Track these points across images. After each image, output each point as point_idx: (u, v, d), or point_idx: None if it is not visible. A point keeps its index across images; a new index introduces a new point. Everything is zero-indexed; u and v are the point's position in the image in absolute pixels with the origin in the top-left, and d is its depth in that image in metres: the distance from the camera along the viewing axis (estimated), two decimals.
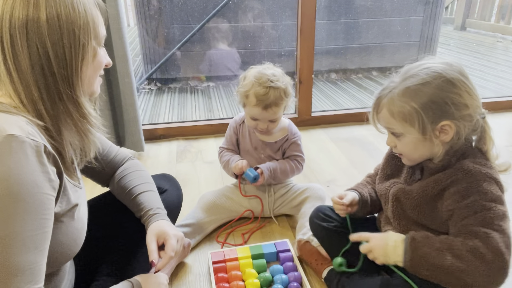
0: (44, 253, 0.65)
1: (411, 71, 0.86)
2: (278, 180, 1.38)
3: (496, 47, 5.02)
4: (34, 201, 0.62)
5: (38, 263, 0.64)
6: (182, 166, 1.87)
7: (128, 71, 1.75)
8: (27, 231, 0.61)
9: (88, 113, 0.73)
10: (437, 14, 3.68)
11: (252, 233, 1.36)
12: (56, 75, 0.67)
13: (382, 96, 0.88)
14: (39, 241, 0.64)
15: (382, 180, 1.03)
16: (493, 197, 0.81)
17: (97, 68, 0.76)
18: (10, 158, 0.60)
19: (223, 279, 1.12)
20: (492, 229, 0.79)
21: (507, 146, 1.98)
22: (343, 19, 3.55)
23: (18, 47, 0.64)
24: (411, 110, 0.83)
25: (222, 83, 3.55)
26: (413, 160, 0.91)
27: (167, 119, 2.81)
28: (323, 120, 2.31)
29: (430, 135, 0.83)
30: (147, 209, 0.98)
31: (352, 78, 3.72)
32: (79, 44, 0.68)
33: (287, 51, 3.49)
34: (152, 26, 3.26)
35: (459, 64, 0.85)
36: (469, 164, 0.84)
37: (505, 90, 3.32)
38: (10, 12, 0.64)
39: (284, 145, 1.38)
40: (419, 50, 3.80)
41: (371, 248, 0.91)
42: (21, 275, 0.61)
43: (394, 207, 0.95)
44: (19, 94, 0.66)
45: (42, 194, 0.63)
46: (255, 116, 1.27)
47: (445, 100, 0.81)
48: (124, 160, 1.08)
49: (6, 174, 0.59)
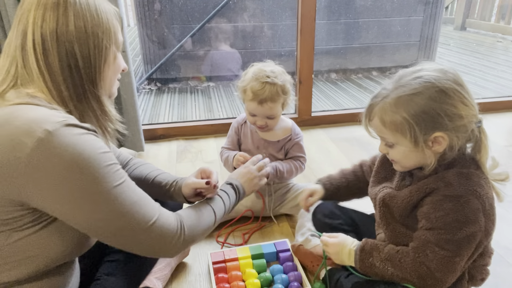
0: (137, 188, 0.77)
1: (404, 79, 0.83)
2: (282, 180, 1.39)
3: (496, 47, 5.02)
4: (102, 159, 0.70)
5: (139, 192, 0.77)
6: (182, 166, 1.87)
7: (128, 71, 1.75)
8: (115, 182, 0.71)
9: (109, 110, 0.81)
10: (437, 14, 3.68)
11: (252, 233, 1.36)
12: (82, 74, 0.75)
13: (374, 103, 0.86)
14: (128, 185, 0.75)
15: (375, 184, 1.02)
16: (463, 217, 0.80)
17: (116, 71, 0.84)
18: (67, 138, 0.66)
19: (223, 279, 1.12)
20: (443, 249, 0.81)
21: (507, 146, 1.98)
22: (343, 19, 3.55)
23: (49, 50, 0.71)
24: (402, 121, 0.81)
25: (222, 83, 3.55)
26: (405, 167, 0.90)
27: (167, 119, 2.81)
28: (323, 120, 2.31)
29: (422, 146, 0.81)
30: (173, 180, 1.07)
31: (352, 78, 3.72)
32: (102, 46, 0.76)
33: (287, 51, 3.49)
34: (152, 26, 3.26)
35: (454, 70, 0.83)
36: (451, 177, 0.82)
37: (505, 90, 3.32)
38: (41, 18, 0.71)
39: (286, 145, 1.38)
40: (419, 50, 3.80)
41: (328, 251, 0.98)
42: (137, 206, 0.74)
43: (382, 212, 0.95)
44: (50, 91, 0.73)
45: (103, 153, 0.71)
46: (252, 111, 1.28)
47: (438, 111, 0.78)
48: (128, 160, 1.12)
49: (79, 150, 0.67)
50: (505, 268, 1.19)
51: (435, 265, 0.82)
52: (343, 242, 0.95)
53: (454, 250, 0.81)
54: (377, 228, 1.03)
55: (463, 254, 0.82)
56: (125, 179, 0.75)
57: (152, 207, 0.78)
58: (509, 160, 1.83)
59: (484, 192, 0.82)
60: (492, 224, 0.85)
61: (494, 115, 2.40)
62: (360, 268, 0.92)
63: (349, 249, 0.93)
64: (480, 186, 0.82)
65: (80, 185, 0.67)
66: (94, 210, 0.70)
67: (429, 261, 0.82)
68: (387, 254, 0.88)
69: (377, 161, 1.04)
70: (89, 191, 0.68)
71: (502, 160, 0.91)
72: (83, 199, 0.68)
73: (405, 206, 0.88)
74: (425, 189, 0.85)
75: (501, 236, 1.32)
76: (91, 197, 0.69)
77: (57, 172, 0.65)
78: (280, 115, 1.33)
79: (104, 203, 0.70)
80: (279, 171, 1.33)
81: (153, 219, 0.76)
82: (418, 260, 0.83)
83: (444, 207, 0.81)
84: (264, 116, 1.28)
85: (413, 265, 0.84)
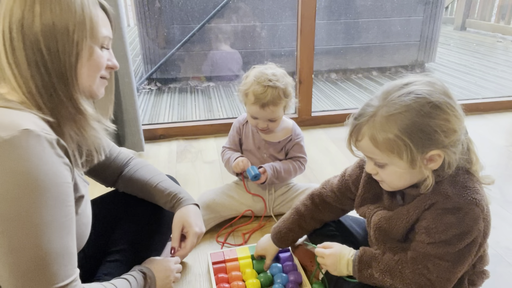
0: (74, 237, 0.70)
1: (393, 94, 0.77)
2: (281, 180, 1.39)
3: (496, 47, 5.02)
4: (58, 190, 0.66)
5: (71, 247, 0.69)
6: (182, 166, 1.87)
7: (128, 71, 1.75)
8: (57, 219, 0.65)
9: (84, 109, 0.74)
10: (437, 14, 3.68)
11: (252, 233, 1.36)
12: (50, 71, 0.69)
13: (362, 123, 0.79)
14: (69, 227, 0.68)
15: (362, 204, 0.98)
16: (465, 229, 0.78)
17: (95, 69, 0.75)
18: (29, 151, 0.62)
19: (224, 279, 1.12)
20: (444, 260, 0.80)
21: (507, 146, 1.97)
22: (343, 19, 3.54)
23: (15, 43, 0.67)
24: (397, 140, 0.75)
25: (222, 83, 3.55)
26: (395, 187, 0.85)
27: (167, 119, 2.81)
28: (323, 120, 2.31)
29: (419, 165, 0.76)
30: (175, 193, 1.07)
31: (352, 78, 3.72)
32: (72, 40, 0.69)
33: (287, 51, 3.48)
34: (152, 26, 3.26)
35: (441, 82, 0.79)
36: (448, 188, 0.80)
37: (505, 90, 3.32)
38: (10, 9, 0.67)
39: (287, 146, 1.38)
40: (419, 50, 3.80)
41: (325, 263, 0.94)
42: (60, 259, 0.66)
43: (377, 234, 0.92)
44: (20, 87, 0.69)
45: (64, 184, 0.67)
46: (254, 115, 1.28)
47: (434, 128, 0.74)
48: (129, 159, 1.12)
49: (28, 168, 0.62)
50: (505, 268, 1.19)
51: (435, 277, 0.81)
52: (339, 253, 0.92)
53: (455, 260, 0.80)
54: (371, 245, 0.98)
55: (465, 263, 0.81)
56: (71, 217, 0.68)
57: (72, 269, 0.69)
58: (509, 160, 1.83)
59: (481, 197, 0.80)
60: (489, 224, 0.84)
61: (494, 115, 2.40)
62: (358, 278, 0.90)
63: (347, 259, 0.91)
64: (476, 191, 0.80)
65: (16, 204, 0.61)
66: (13, 235, 0.62)
67: (430, 273, 0.81)
68: (386, 265, 0.86)
69: (361, 183, 0.98)
70: (21, 214, 0.62)
71: (502, 160, 0.91)
72: (9, 221, 0.61)
73: (404, 226, 0.86)
74: (423, 206, 0.82)
75: (501, 236, 1.32)
76: (18, 222, 0.62)
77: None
78: (281, 117, 1.33)
79: (31, 235, 0.62)
80: (276, 171, 1.33)
81: (62, 283, 0.66)
82: (418, 272, 0.82)
83: (445, 221, 0.79)
84: (266, 119, 1.28)
85: (413, 276, 0.83)
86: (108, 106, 0.88)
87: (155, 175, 1.10)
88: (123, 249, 1.02)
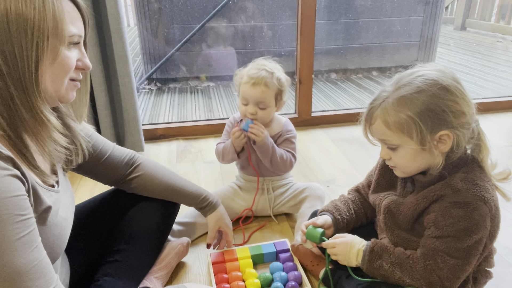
0: (39, 248, 0.63)
1: (404, 79, 0.82)
2: (271, 161, 1.32)
3: (496, 47, 5.02)
4: (7, 206, 0.58)
5: (38, 259, 0.62)
6: (182, 166, 1.87)
7: (128, 71, 1.75)
8: (12, 236, 0.58)
9: (46, 120, 0.66)
10: (437, 14, 3.68)
11: (252, 233, 1.36)
12: (5, 76, 0.61)
13: (375, 106, 0.84)
14: (30, 241, 0.61)
15: (376, 191, 1.00)
16: (472, 224, 0.80)
17: (61, 72, 0.67)
18: None
19: (224, 279, 1.12)
20: (453, 257, 0.81)
21: (507, 146, 1.98)
22: (343, 19, 3.55)
23: None
24: (407, 120, 0.79)
25: (222, 83, 3.55)
26: (408, 172, 0.88)
27: (167, 119, 2.81)
28: (323, 120, 2.31)
29: (429, 145, 0.80)
30: (204, 196, 1.15)
31: (352, 78, 3.73)
32: (31, 43, 0.61)
33: (287, 51, 3.49)
34: (152, 26, 3.26)
35: (450, 70, 0.83)
36: (458, 183, 0.82)
37: (505, 90, 3.32)
38: None
39: (277, 141, 1.37)
40: (419, 50, 3.80)
41: (336, 252, 0.95)
42: (27, 275, 0.59)
43: (386, 218, 0.94)
44: None
45: (12, 197, 0.59)
46: (244, 95, 1.29)
47: (443, 108, 0.78)
48: (133, 158, 1.07)
49: None
50: (505, 268, 1.19)
51: (445, 274, 0.82)
52: (351, 242, 0.93)
53: (464, 257, 0.81)
54: (380, 232, 1.02)
55: (472, 261, 0.82)
56: (31, 229, 0.61)
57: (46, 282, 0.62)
58: (509, 160, 1.83)
59: (490, 196, 0.82)
60: (497, 227, 0.86)
61: (494, 115, 2.40)
62: (366, 268, 0.90)
63: (357, 249, 0.92)
64: (486, 190, 0.82)
65: None
66: None
67: (440, 269, 0.82)
68: (397, 258, 0.87)
69: (376, 170, 1.02)
70: None
71: (502, 160, 0.91)
72: None
73: (411, 213, 0.87)
74: (432, 196, 0.84)
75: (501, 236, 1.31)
76: None
77: None
78: (272, 109, 1.31)
79: None
80: (270, 142, 1.29)
81: None
82: (429, 268, 0.83)
83: (453, 215, 0.80)
84: (256, 103, 1.28)
85: (423, 272, 0.83)
86: (83, 109, 0.82)
87: (173, 176, 1.13)
88: (123, 249, 1.02)
